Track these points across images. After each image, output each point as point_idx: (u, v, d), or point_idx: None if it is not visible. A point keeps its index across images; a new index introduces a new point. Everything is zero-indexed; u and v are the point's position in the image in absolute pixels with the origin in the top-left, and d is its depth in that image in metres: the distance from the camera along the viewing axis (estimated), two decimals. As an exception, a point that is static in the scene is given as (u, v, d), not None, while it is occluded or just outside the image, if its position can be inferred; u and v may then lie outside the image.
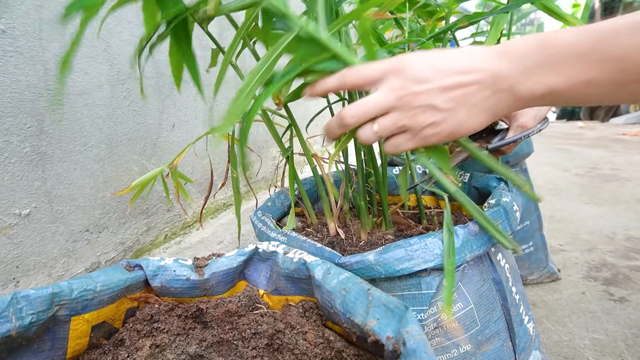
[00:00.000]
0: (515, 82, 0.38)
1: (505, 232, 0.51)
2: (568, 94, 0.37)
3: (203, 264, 0.48)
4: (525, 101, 0.39)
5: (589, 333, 0.81)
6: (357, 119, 0.42)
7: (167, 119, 1.26)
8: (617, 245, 1.18)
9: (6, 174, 0.82)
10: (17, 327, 0.35)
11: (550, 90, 0.37)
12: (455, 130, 0.41)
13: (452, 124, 0.41)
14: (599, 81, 0.36)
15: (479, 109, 0.40)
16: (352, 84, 0.42)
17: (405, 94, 0.40)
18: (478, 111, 0.40)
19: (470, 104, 0.40)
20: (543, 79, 0.37)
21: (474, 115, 0.40)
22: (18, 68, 0.83)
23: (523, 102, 0.39)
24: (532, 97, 0.39)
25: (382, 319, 0.35)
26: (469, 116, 0.40)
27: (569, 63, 0.36)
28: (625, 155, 2.31)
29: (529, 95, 0.38)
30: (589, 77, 0.36)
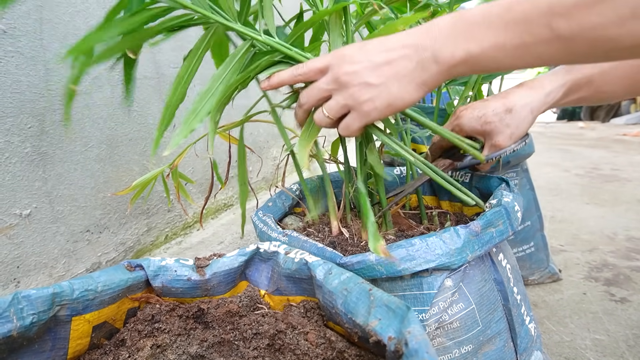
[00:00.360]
0: (435, 50, 0.43)
1: (506, 232, 0.51)
2: (482, 58, 0.41)
3: (204, 264, 0.48)
4: (448, 67, 0.43)
5: (590, 334, 0.81)
6: (308, 99, 0.50)
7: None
8: (618, 246, 1.18)
9: (7, 174, 0.82)
10: (18, 327, 0.35)
11: (467, 54, 0.42)
12: (392, 103, 0.46)
13: (387, 97, 0.45)
14: (507, 45, 0.40)
15: (407, 80, 0.45)
16: (302, 75, 0.49)
17: (342, 74, 0.46)
18: (407, 82, 0.45)
19: (400, 77, 0.45)
20: (460, 45, 0.42)
21: (403, 86, 0.45)
22: (19, 68, 0.83)
23: (446, 68, 0.43)
24: (452, 62, 0.43)
25: (384, 319, 0.35)
26: (400, 88, 0.45)
27: (481, 30, 0.41)
28: (625, 156, 2.31)
29: (450, 60, 0.42)
30: (499, 41, 0.40)
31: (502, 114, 0.61)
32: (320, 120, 0.50)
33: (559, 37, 0.37)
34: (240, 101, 0.66)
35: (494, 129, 0.61)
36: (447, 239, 0.47)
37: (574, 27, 0.36)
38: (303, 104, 0.51)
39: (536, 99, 0.61)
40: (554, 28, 0.37)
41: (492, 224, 0.50)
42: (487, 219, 0.50)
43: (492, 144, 0.62)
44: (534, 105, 0.61)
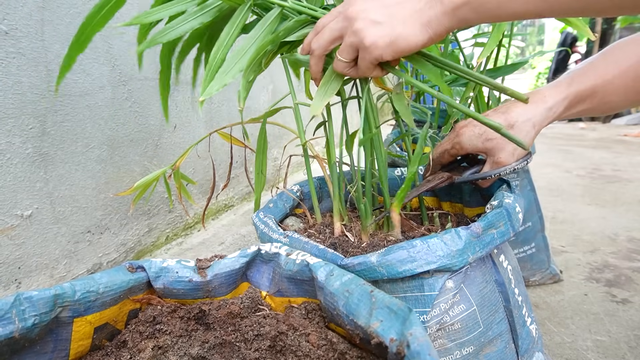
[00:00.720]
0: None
1: (508, 233, 0.51)
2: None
3: (205, 265, 0.48)
4: (453, 9, 0.43)
5: (591, 335, 0.81)
6: (319, 43, 0.50)
7: (169, 120, 1.26)
8: (619, 247, 1.18)
9: (8, 175, 0.83)
10: (19, 328, 0.35)
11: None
12: (394, 41, 0.46)
13: (390, 34, 0.45)
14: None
15: (413, 20, 0.45)
16: (320, 30, 0.50)
17: (351, 12, 0.46)
18: (412, 22, 0.45)
19: (406, 16, 0.45)
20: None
21: (409, 26, 0.45)
22: (20, 69, 0.83)
23: (451, 10, 0.43)
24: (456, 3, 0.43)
25: (386, 320, 0.35)
26: (404, 27, 0.45)
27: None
28: (627, 157, 2.30)
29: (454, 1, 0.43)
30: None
31: None
32: (337, 65, 0.50)
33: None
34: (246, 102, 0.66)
35: (496, 146, 0.60)
36: (448, 241, 0.47)
37: None
38: (314, 49, 0.50)
39: (538, 114, 0.60)
40: None
41: (493, 226, 0.50)
42: (488, 221, 0.50)
43: (494, 160, 0.61)
44: (536, 120, 0.59)
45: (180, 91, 1.30)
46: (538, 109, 0.60)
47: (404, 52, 0.47)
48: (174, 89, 1.27)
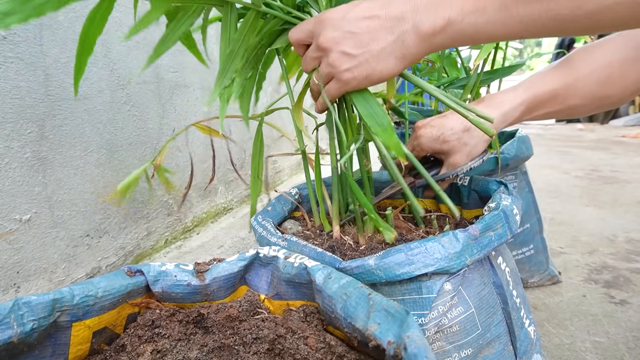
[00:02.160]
0: (416, 20, 0.42)
1: (505, 236, 0.52)
2: (463, 25, 0.41)
3: (204, 269, 0.48)
4: (430, 37, 0.42)
5: (590, 336, 0.81)
6: (306, 68, 0.51)
7: (168, 123, 1.27)
8: (617, 248, 1.18)
9: (7, 179, 0.83)
10: (18, 333, 0.35)
11: (448, 21, 0.41)
12: (369, 75, 0.46)
13: (365, 68, 0.45)
14: (488, 8, 0.39)
15: (387, 53, 0.44)
16: (296, 38, 0.50)
17: (323, 42, 0.46)
18: (387, 54, 0.44)
19: (379, 49, 0.44)
20: (441, 12, 0.41)
21: (382, 59, 0.44)
22: (19, 74, 0.83)
23: (428, 38, 0.42)
24: (433, 31, 0.42)
25: (383, 323, 0.35)
26: (379, 61, 0.45)
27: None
28: (625, 158, 2.31)
29: (431, 29, 0.42)
30: (479, 5, 0.39)
31: (459, 133, 0.62)
32: (312, 85, 0.51)
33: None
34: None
35: (452, 148, 0.62)
36: (446, 243, 0.47)
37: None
38: (306, 72, 0.52)
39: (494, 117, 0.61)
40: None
41: (490, 228, 0.50)
42: (485, 223, 0.50)
43: (449, 162, 0.63)
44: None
45: (178, 94, 1.30)
46: (494, 113, 0.61)
47: (378, 82, 0.48)
48: (173, 92, 1.27)
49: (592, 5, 0.35)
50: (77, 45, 0.50)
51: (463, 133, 0.62)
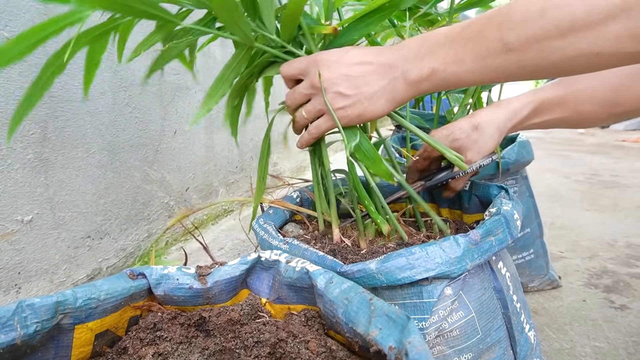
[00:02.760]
0: (405, 69, 0.47)
1: (506, 241, 0.52)
2: (446, 74, 0.45)
3: (206, 272, 0.48)
4: (417, 84, 0.47)
5: (590, 341, 0.81)
6: (292, 102, 0.55)
7: (169, 125, 1.27)
8: (617, 253, 1.18)
9: (9, 180, 0.83)
10: (21, 335, 0.36)
11: (432, 70, 0.46)
12: (362, 114, 0.50)
13: (358, 108, 0.49)
14: (467, 59, 0.43)
15: (378, 95, 0.49)
16: (288, 73, 0.53)
17: (317, 81, 0.49)
18: (378, 97, 0.49)
19: (372, 92, 0.49)
20: (426, 63, 0.46)
21: (374, 101, 0.49)
22: (22, 75, 0.83)
23: (415, 84, 0.47)
24: (420, 79, 0.47)
25: (385, 328, 0.35)
26: (370, 102, 0.49)
27: (443, 48, 0.45)
28: (625, 162, 2.31)
29: (417, 77, 0.47)
30: (459, 57, 0.44)
31: (469, 130, 0.64)
32: (299, 119, 0.54)
33: (510, 50, 0.41)
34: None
35: (462, 145, 0.64)
36: (446, 248, 0.47)
37: (522, 40, 0.40)
38: (289, 105, 0.56)
39: (502, 116, 0.63)
40: (506, 42, 0.41)
41: (491, 233, 0.51)
42: (486, 228, 0.50)
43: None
44: (499, 122, 0.63)
45: (180, 96, 1.30)
46: (502, 111, 0.64)
47: (368, 121, 0.52)
48: (175, 95, 1.28)
49: (556, 57, 0.40)
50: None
51: (472, 131, 0.64)
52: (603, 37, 0.37)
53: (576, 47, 0.38)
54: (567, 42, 0.38)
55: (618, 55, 0.37)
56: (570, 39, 0.38)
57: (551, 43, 0.39)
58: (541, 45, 0.39)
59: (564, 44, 0.38)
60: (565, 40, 0.38)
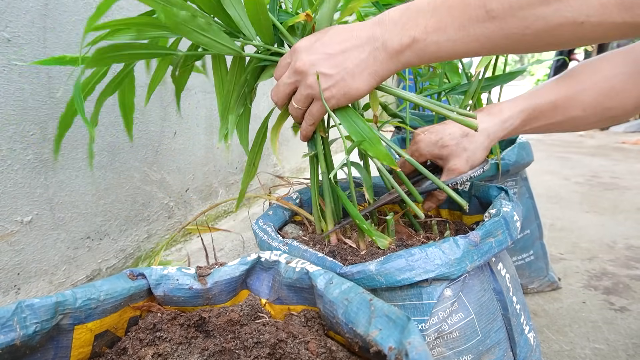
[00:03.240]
0: (385, 39, 0.46)
1: (506, 242, 0.52)
2: (427, 43, 0.44)
3: (206, 272, 0.48)
4: (397, 54, 0.46)
5: (589, 343, 0.81)
6: (277, 97, 0.54)
7: (169, 126, 1.27)
8: (617, 254, 1.18)
9: (9, 181, 0.83)
10: (21, 336, 0.36)
11: (413, 39, 0.44)
12: (347, 92, 0.49)
13: (342, 86, 0.48)
14: (448, 28, 0.43)
15: (360, 70, 0.47)
16: (278, 74, 0.53)
17: (300, 65, 0.49)
18: (360, 71, 0.48)
19: (353, 67, 0.47)
20: (407, 32, 0.45)
21: (357, 76, 0.48)
22: (22, 76, 0.83)
23: (396, 54, 0.46)
24: (400, 48, 0.45)
25: (385, 329, 0.36)
26: (354, 78, 0.48)
27: (424, 16, 0.44)
28: (625, 164, 2.31)
29: (398, 47, 0.45)
30: (441, 25, 0.43)
31: (458, 137, 0.62)
32: (292, 111, 0.54)
33: (493, 18, 0.40)
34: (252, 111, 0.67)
35: (451, 153, 0.62)
36: (446, 249, 0.47)
37: (505, 7, 0.39)
38: (276, 101, 0.55)
39: (493, 125, 0.62)
40: (488, 9, 0.40)
41: (491, 234, 0.51)
42: (486, 229, 0.50)
43: (448, 167, 0.63)
44: (490, 130, 0.62)
45: (181, 97, 1.30)
46: (493, 120, 0.62)
47: (356, 99, 0.50)
48: (174, 96, 1.27)
49: (539, 25, 0.39)
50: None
51: (462, 138, 0.62)
52: (588, 4, 0.36)
53: (560, 14, 0.37)
54: (550, 10, 0.38)
55: (604, 25, 0.37)
56: (554, 5, 0.37)
57: (534, 10, 0.38)
58: (524, 12, 0.39)
59: (547, 12, 0.38)
60: (548, 7, 0.38)
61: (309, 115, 0.53)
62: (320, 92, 0.49)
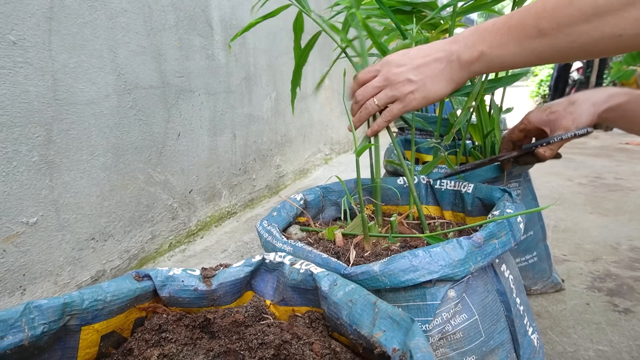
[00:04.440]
0: (459, 53, 0.55)
1: (509, 244, 0.52)
2: (492, 57, 0.53)
3: (211, 274, 0.48)
4: (469, 65, 0.55)
5: (593, 344, 0.81)
6: (364, 95, 0.61)
7: (173, 127, 1.28)
8: (621, 256, 1.18)
9: (14, 182, 0.83)
10: (29, 336, 0.36)
11: (480, 54, 0.53)
12: (427, 95, 0.58)
13: (423, 90, 0.57)
14: (509, 43, 0.51)
15: (439, 78, 0.57)
16: (364, 78, 0.62)
17: (391, 75, 0.58)
18: (439, 79, 0.57)
19: (433, 75, 0.57)
20: (476, 47, 0.53)
21: (436, 83, 0.57)
22: (28, 79, 0.84)
23: (467, 65, 0.55)
24: (471, 60, 0.54)
25: (389, 331, 0.36)
26: (433, 84, 0.57)
27: (490, 34, 0.52)
28: (629, 165, 2.30)
29: (469, 59, 0.54)
30: (503, 42, 0.51)
31: (565, 104, 0.71)
32: (370, 106, 0.61)
33: (544, 35, 0.48)
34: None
35: (558, 117, 0.71)
36: (450, 250, 0.47)
37: (554, 25, 0.47)
38: (360, 100, 0.62)
39: (598, 95, 0.70)
40: (540, 28, 0.48)
41: (494, 236, 0.51)
42: (489, 231, 0.51)
43: (556, 127, 0.71)
44: (595, 99, 0.70)
45: (184, 99, 1.31)
46: (599, 92, 0.70)
47: (434, 101, 0.59)
48: (178, 97, 1.28)
49: (583, 40, 0.46)
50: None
51: (569, 105, 0.71)
52: (624, 20, 0.42)
53: (600, 30, 0.44)
54: (591, 26, 0.44)
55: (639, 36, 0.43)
56: (594, 23, 0.44)
57: (578, 27, 0.45)
58: (570, 29, 0.46)
59: (589, 28, 0.44)
60: (590, 24, 0.44)
61: (388, 113, 0.60)
62: None
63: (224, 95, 1.50)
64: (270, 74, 1.77)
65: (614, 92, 0.69)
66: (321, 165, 2.43)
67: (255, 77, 1.67)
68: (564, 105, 0.71)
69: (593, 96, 0.70)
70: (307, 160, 2.23)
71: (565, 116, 0.70)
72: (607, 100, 0.69)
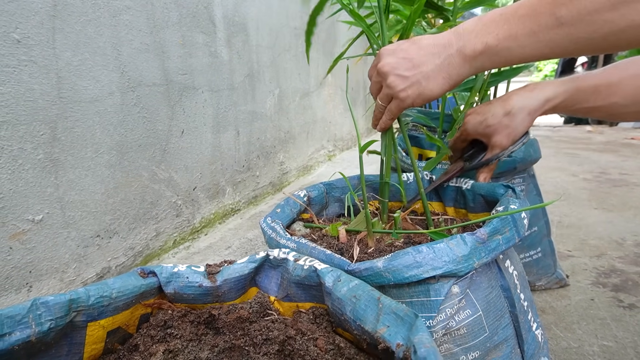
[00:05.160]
0: (460, 45, 0.50)
1: (513, 239, 0.52)
2: (499, 49, 0.48)
3: (215, 270, 0.49)
4: (471, 59, 0.50)
5: (598, 340, 0.81)
6: (371, 91, 0.59)
7: (177, 125, 1.28)
8: (626, 251, 1.17)
9: (20, 180, 0.84)
10: (36, 332, 0.36)
11: (486, 46, 0.48)
12: (422, 93, 0.53)
13: (418, 87, 0.53)
14: (519, 34, 0.46)
15: (435, 73, 0.52)
16: (370, 74, 0.59)
17: (382, 67, 0.54)
18: (435, 75, 0.52)
19: (428, 70, 0.52)
20: (480, 39, 0.48)
21: (431, 79, 0.52)
22: (32, 77, 0.85)
23: (469, 60, 0.50)
24: (474, 54, 0.49)
25: (392, 326, 0.36)
26: (428, 81, 0.52)
27: (497, 25, 0.47)
28: (634, 160, 2.29)
29: (472, 52, 0.49)
30: (512, 32, 0.46)
31: (500, 117, 0.67)
32: (377, 106, 0.59)
33: (562, 24, 0.43)
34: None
35: (494, 131, 0.67)
36: (454, 246, 0.47)
37: (574, 13, 0.42)
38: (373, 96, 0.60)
39: (534, 102, 0.66)
40: (558, 16, 0.43)
41: (498, 231, 0.51)
42: (493, 227, 0.51)
43: (492, 144, 0.69)
44: (531, 108, 0.66)
45: (187, 96, 1.31)
46: (535, 97, 0.66)
47: (430, 100, 0.55)
48: (182, 94, 1.28)
49: (607, 29, 0.41)
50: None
51: (504, 117, 0.67)
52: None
53: (627, 18, 0.39)
54: (618, 14, 0.40)
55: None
56: (621, 10, 0.39)
57: (602, 16, 0.40)
58: (592, 17, 0.41)
59: (615, 16, 0.40)
60: (616, 12, 0.40)
61: (388, 111, 0.58)
62: None
63: (227, 92, 1.50)
64: (273, 71, 1.77)
65: (552, 94, 0.66)
66: (324, 162, 2.43)
67: (258, 74, 1.67)
68: (498, 117, 0.67)
69: (529, 104, 0.66)
70: (310, 157, 2.23)
71: (500, 131, 0.67)
72: (544, 105, 0.66)
